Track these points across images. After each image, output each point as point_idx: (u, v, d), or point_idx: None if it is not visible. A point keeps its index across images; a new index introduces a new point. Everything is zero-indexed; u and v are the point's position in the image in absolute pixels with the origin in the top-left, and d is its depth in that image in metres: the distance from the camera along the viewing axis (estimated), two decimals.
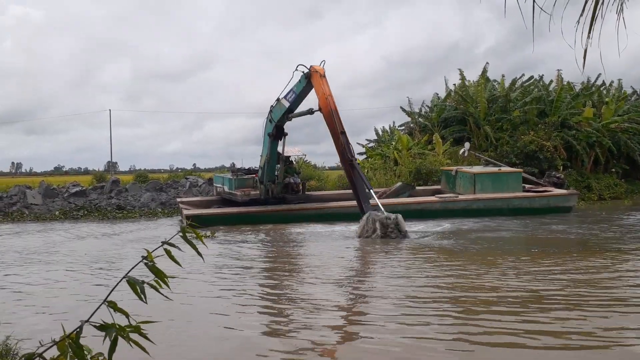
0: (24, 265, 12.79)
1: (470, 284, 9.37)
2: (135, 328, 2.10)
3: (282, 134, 21.69)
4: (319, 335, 6.83)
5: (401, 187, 23.98)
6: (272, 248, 15.21)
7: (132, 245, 15.81)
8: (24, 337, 5.35)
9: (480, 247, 13.84)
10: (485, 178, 22.50)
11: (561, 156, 29.32)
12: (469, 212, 21.10)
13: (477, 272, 10.46)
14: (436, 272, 10.75)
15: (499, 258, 11.99)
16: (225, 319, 7.82)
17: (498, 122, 31.96)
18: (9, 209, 25.76)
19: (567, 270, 10.38)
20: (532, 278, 9.65)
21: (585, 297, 8.23)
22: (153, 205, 26.64)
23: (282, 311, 8.28)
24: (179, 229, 2.35)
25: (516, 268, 10.75)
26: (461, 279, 9.91)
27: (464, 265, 11.19)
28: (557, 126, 30.66)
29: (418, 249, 13.86)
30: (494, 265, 11.17)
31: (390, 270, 11.20)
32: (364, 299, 8.86)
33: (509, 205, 21.71)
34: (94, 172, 47.71)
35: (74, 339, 2.04)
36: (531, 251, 13.19)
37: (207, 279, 10.54)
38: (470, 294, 8.67)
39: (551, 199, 22.27)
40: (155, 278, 2.23)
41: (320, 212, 21.02)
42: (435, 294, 8.75)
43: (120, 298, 2.22)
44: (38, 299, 9.21)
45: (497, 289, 8.87)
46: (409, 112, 38.02)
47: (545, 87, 34.51)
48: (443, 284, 9.45)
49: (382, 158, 33.58)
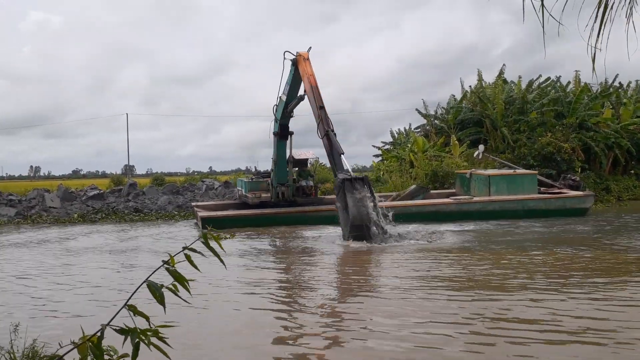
0: (45, 269, 12.92)
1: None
2: (154, 332, 2.12)
3: (288, 132, 21.82)
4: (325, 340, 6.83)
5: (416, 190, 23.91)
6: (286, 252, 15.22)
7: (151, 247, 15.93)
8: (48, 341, 5.41)
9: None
10: (500, 180, 22.36)
11: (579, 158, 29.03)
12: (483, 214, 20.98)
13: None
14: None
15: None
16: (239, 321, 7.85)
17: (515, 124, 31.74)
18: (27, 212, 26.04)
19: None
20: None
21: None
22: (170, 208, 26.81)
23: (298, 318, 8.27)
24: (200, 235, 2.37)
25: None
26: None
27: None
28: (575, 127, 30.39)
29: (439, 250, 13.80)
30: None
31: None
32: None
33: (524, 207, 21.58)
34: (112, 176, 47.93)
35: (94, 342, 2.06)
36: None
37: (218, 282, 10.57)
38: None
39: (567, 200, 22.05)
40: (173, 282, 2.24)
41: (334, 214, 20.98)
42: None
43: (134, 301, 2.23)
44: (59, 303, 9.29)
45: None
46: (425, 114, 37.90)
47: (562, 89, 34.22)
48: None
49: (397, 160, 33.49)
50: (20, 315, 8.21)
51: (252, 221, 20.53)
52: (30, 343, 5.10)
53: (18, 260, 14.06)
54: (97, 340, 2.07)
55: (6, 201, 26.99)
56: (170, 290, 2.21)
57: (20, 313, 8.45)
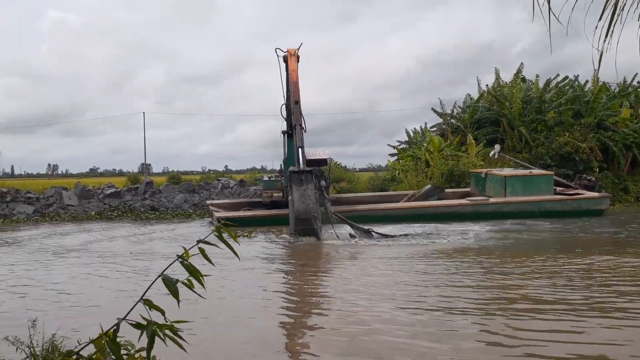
0: (63, 264, 13.04)
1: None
2: (170, 327, 2.13)
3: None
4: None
5: (431, 190, 23.87)
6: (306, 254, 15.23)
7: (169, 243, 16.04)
8: (64, 335, 5.45)
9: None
10: (516, 181, 22.26)
11: (597, 158, 28.70)
12: (499, 215, 20.83)
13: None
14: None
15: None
16: (253, 316, 7.86)
17: (533, 123, 31.48)
18: (45, 209, 26.33)
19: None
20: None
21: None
22: (186, 207, 26.96)
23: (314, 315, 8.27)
24: (214, 229, 2.37)
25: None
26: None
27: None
28: (593, 127, 30.06)
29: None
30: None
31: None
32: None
33: (541, 208, 21.49)
34: (128, 174, 48.34)
35: (111, 337, 2.07)
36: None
37: (233, 277, 10.59)
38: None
39: (583, 201, 21.88)
40: (188, 277, 2.25)
41: (348, 215, 20.90)
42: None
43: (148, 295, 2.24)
44: (77, 297, 9.37)
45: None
46: (441, 113, 37.71)
47: (580, 88, 33.84)
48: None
49: (413, 160, 33.36)
50: (40, 306, 8.28)
51: (259, 222, 20.11)
52: (50, 337, 5.15)
53: (32, 252, 14.22)
54: (113, 335, 2.08)
55: (24, 199, 27.31)
56: (185, 284, 2.21)
57: (40, 305, 8.52)
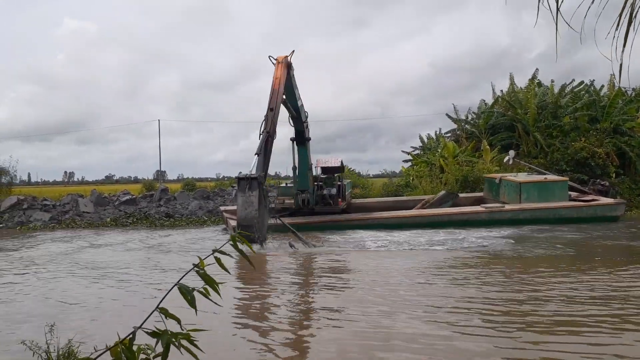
0: (77, 272, 13.13)
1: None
2: (185, 335, 2.13)
3: (304, 138, 21.51)
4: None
5: (445, 196, 23.92)
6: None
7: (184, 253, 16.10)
8: (81, 342, 5.50)
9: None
10: (531, 187, 22.20)
11: (614, 163, 28.44)
12: (514, 222, 20.78)
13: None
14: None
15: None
16: (260, 325, 7.86)
17: (548, 129, 31.26)
18: (62, 216, 26.54)
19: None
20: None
21: None
22: (200, 214, 27.05)
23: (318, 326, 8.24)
24: (229, 238, 2.38)
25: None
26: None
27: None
28: (610, 132, 29.80)
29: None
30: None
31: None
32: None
33: (556, 215, 21.42)
34: (144, 181, 48.75)
35: (126, 345, 2.08)
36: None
37: (241, 286, 10.60)
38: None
39: (598, 208, 21.78)
40: (204, 285, 2.25)
41: (363, 223, 20.91)
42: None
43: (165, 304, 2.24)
44: (91, 305, 9.42)
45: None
46: (455, 119, 37.60)
47: (596, 93, 33.57)
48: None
49: (427, 166, 33.26)
50: (54, 312, 8.34)
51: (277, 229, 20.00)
52: (66, 343, 5.19)
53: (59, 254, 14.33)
54: (129, 343, 2.08)
55: (41, 206, 27.57)
56: (201, 293, 2.22)
57: (52, 310, 8.57)
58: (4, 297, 10.17)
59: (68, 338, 5.35)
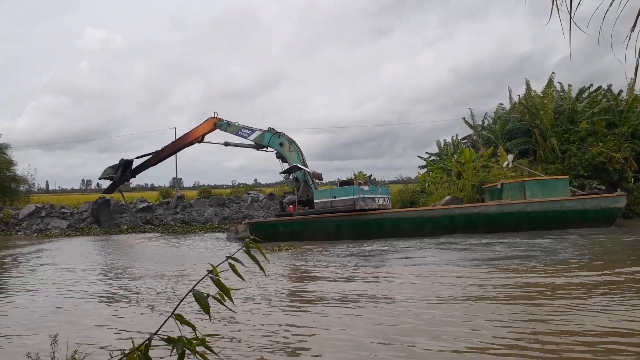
0: (91, 279, 13.22)
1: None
2: (201, 341, 2.13)
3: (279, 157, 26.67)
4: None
5: (450, 201, 25.06)
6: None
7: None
8: (93, 350, 5.50)
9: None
10: (534, 184, 22.99)
11: (632, 168, 28.13)
12: (523, 216, 21.70)
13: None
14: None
15: None
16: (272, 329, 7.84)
17: (565, 134, 30.99)
18: (79, 224, 26.78)
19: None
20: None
21: None
22: (216, 221, 27.15)
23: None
24: (243, 245, 2.38)
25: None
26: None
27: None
28: (627, 137, 29.49)
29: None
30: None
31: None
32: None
33: (563, 207, 22.08)
34: (160, 188, 49.06)
35: (142, 352, 2.08)
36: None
37: (254, 290, 10.60)
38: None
39: (602, 200, 22.44)
40: (218, 291, 2.25)
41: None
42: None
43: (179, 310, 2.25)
44: (106, 312, 9.45)
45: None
46: (472, 124, 37.43)
47: (614, 97, 33.24)
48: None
49: (443, 171, 33.12)
50: (65, 318, 8.36)
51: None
52: (72, 353, 5.18)
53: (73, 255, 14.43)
54: (145, 350, 2.09)
55: (59, 214, 27.87)
56: (216, 299, 2.22)
57: (64, 313, 8.60)
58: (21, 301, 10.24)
59: (74, 347, 5.34)
